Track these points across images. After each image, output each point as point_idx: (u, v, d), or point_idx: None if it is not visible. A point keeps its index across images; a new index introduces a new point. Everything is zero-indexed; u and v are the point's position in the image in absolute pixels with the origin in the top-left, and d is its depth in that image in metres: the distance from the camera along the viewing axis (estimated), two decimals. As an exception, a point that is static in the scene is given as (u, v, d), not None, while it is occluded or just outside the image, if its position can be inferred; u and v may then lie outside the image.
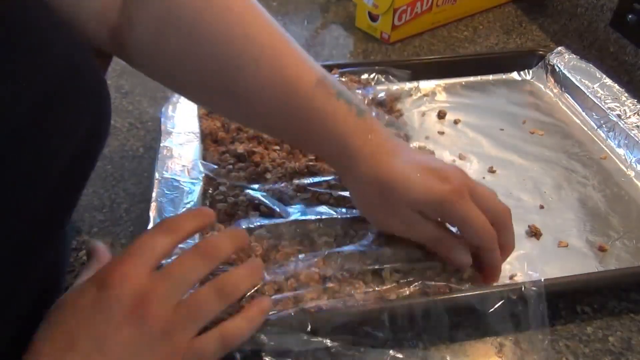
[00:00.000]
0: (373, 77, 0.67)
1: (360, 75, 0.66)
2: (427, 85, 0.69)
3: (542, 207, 0.53)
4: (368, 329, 0.41)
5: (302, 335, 0.38)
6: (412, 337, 0.41)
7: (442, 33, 0.83)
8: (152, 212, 0.46)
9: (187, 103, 0.59)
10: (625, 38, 0.71)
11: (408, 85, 0.68)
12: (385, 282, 0.42)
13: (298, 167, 0.51)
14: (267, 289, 0.41)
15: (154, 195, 0.48)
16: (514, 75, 0.72)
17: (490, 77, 0.71)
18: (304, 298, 0.40)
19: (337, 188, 0.49)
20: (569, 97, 0.67)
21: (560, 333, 0.43)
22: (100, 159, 0.57)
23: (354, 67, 0.67)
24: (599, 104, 0.62)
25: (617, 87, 0.63)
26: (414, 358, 0.40)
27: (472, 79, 0.71)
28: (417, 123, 0.63)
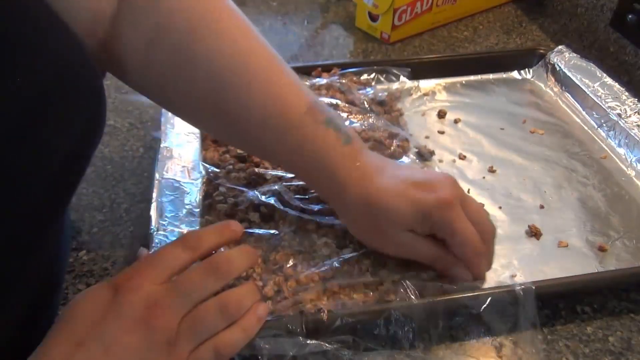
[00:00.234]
0: (373, 77, 0.67)
1: (361, 76, 0.66)
2: (427, 85, 0.69)
3: (542, 206, 0.53)
4: (367, 330, 0.41)
5: (298, 339, 0.38)
6: (411, 337, 0.41)
7: (442, 33, 0.83)
8: (152, 212, 0.46)
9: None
10: (625, 38, 0.71)
11: (408, 85, 0.68)
12: (384, 283, 0.42)
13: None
14: (267, 291, 0.41)
15: (154, 196, 0.48)
16: (514, 74, 0.72)
17: (491, 76, 0.71)
18: (304, 299, 0.40)
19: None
20: (570, 96, 0.67)
21: (560, 333, 0.43)
22: (100, 159, 0.57)
23: (354, 67, 0.67)
24: (600, 103, 0.62)
25: (617, 86, 0.63)
26: (414, 358, 0.40)
27: (472, 78, 0.70)
28: (417, 122, 0.63)
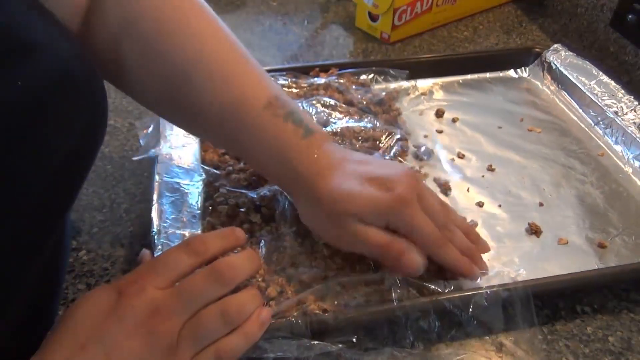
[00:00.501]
0: (372, 77, 0.67)
1: (359, 76, 0.66)
2: (424, 84, 0.69)
3: (541, 204, 0.53)
4: (369, 330, 0.41)
5: (304, 341, 0.38)
6: (411, 336, 0.41)
7: (442, 33, 0.83)
8: (154, 214, 0.46)
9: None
10: (625, 38, 0.71)
11: (406, 84, 0.68)
12: (385, 281, 0.42)
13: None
14: (270, 292, 0.41)
15: (155, 198, 0.48)
16: (511, 73, 0.72)
17: (487, 75, 0.71)
18: (307, 299, 0.40)
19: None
20: (566, 94, 0.67)
21: (560, 333, 0.43)
22: (100, 159, 0.58)
23: (351, 67, 0.67)
24: (596, 101, 0.62)
25: (613, 84, 0.63)
26: (414, 358, 0.40)
27: (469, 77, 0.71)
28: (415, 122, 0.63)
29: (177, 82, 0.41)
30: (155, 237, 0.44)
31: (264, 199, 0.48)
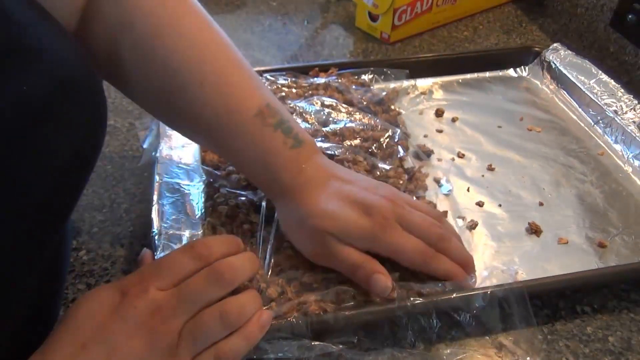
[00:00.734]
0: (372, 77, 0.67)
1: (359, 76, 0.66)
2: (424, 84, 0.69)
3: (541, 204, 0.53)
4: (369, 330, 0.41)
5: (304, 341, 0.38)
6: (412, 336, 0.41)
7: (442, 33, 0.84)
8: (154, 215, 0.46)
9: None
10: (625, 38, 0.71)
11: (405, 84, 0.68)
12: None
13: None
14: (270, 292, 0.41)
15: (155, 198, 0.48)
16: (510, 72, 0.72)
17: (487, 74, 0.71)
18: (307, 300, 0.40)
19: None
20: (566, 93, 0.67)
21: (560, 333, 0.43)
22: (100, 159, 0.57)
23: (351, 67, 0.67)
24: (596, 100, 0.62)
25: (613, 83, 0.63)
26: (415, 358, 0.40)
27: (468, 77, 0.71)
28: (415, 121, 0.63)
29: (171, 87, 0.41)
30: (156, 238, 0.44)
31: (264, 200, 0.48)
